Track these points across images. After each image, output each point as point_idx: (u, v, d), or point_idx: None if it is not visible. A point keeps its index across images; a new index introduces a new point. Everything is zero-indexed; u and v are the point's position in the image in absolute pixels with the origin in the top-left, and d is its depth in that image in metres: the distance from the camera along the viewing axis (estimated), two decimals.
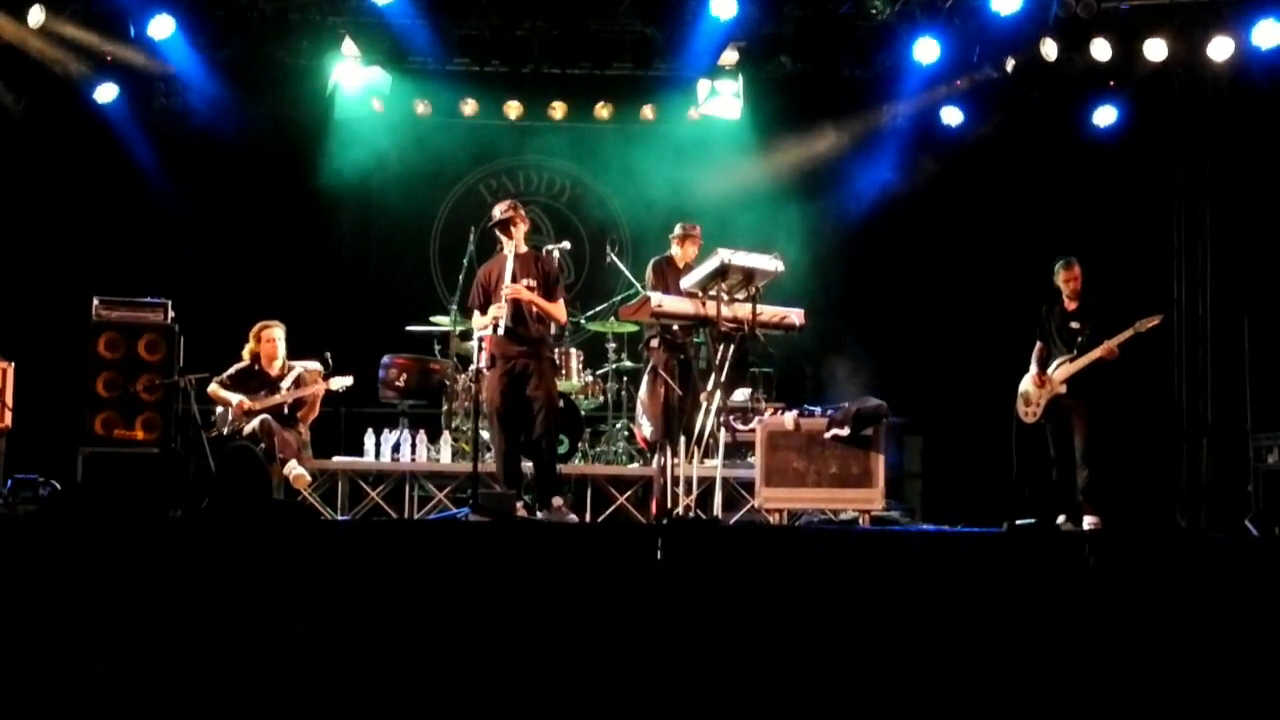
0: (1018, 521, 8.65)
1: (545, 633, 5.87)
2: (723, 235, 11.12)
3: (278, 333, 9.73)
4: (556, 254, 10.13)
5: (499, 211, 8.97)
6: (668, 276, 10.07)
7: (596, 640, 5.87)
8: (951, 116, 11.99)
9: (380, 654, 5.82)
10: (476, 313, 8.99)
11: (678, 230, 10.27)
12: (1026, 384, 9.52)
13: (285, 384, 9.68)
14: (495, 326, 8.66)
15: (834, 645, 5.94)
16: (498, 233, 8.97)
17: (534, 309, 8.82)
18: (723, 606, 5.97)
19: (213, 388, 9.60)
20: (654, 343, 9.95)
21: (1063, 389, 9.30)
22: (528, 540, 6.42)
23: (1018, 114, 11.81)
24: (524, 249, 8.99)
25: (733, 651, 5.89)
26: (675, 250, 10.32)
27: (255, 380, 9.65)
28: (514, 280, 8.77)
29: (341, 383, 9.74)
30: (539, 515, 8.71)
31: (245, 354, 9.73)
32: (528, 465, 9.11)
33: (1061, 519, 9.14)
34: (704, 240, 10.21)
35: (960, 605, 6.05)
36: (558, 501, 8.78)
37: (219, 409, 9.69)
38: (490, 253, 9.23)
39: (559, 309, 8.99)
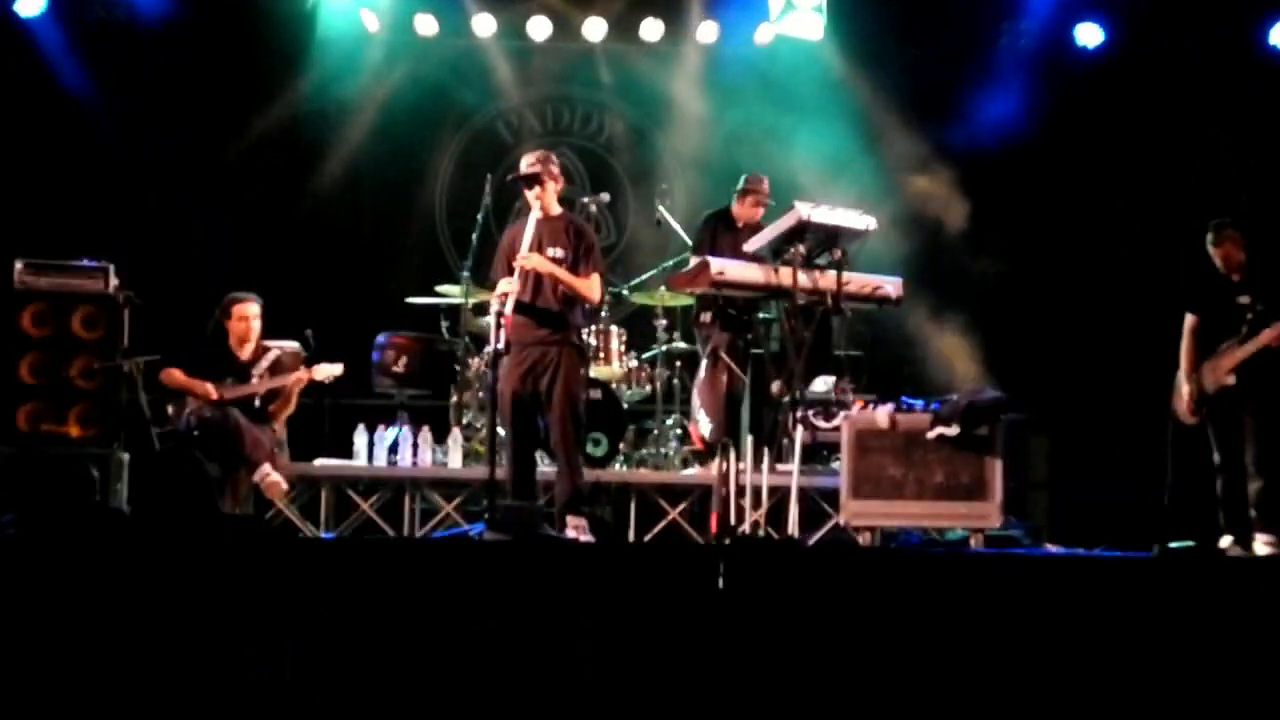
0: (1171, 544, 8.57)
1: (580, 681, 5.88)
2: (798, 186, 11.12)
3: (253, 308, 9.73)
4: (594, 209, 10.13)
5: (526, 163, 8.95)
6: (721, 236, 10.06)
7: (645, 690, 5.87)
8: (1089, 35, 11.89)
9: (372, 704, 5.84)
10: (501, 284, 9.00)
11: (740, 183, 10.28)
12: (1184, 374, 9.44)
13: (258, 370, 9.71)
14: (505, 304, 8.65)
15: (938, 696, 5.92)
16: (523, 189, 8.95)
17: (558, 284, 8.81)
18: (799, 647, 5.96)
19: (171, 373, 9.63)
20: (706, 317, 9.95)
21: (1230, 380, 9.19)
22: (557, 565, 6.42)
23: (1175, 31, 11.68)
24: (556, 211, 8.98)
25: (812, 703, 5.87)
26: (735, 206, 10.33)
27: (221, 365, 9.67)
28: (536, 249, 8.77)
29: (328, 371, 9.74)
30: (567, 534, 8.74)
31: (209, 331, 9.77)
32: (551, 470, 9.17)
33: (1227, 541, 9.06)
34: (773, 194, 10.20)
35: (1098, 648, 6.01)
36: (574, 522, 8.79)
37: (174, 400, 9.71)
38: (512, 208, 9.23)
39: (590, 285, 8.94)
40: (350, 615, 5.98)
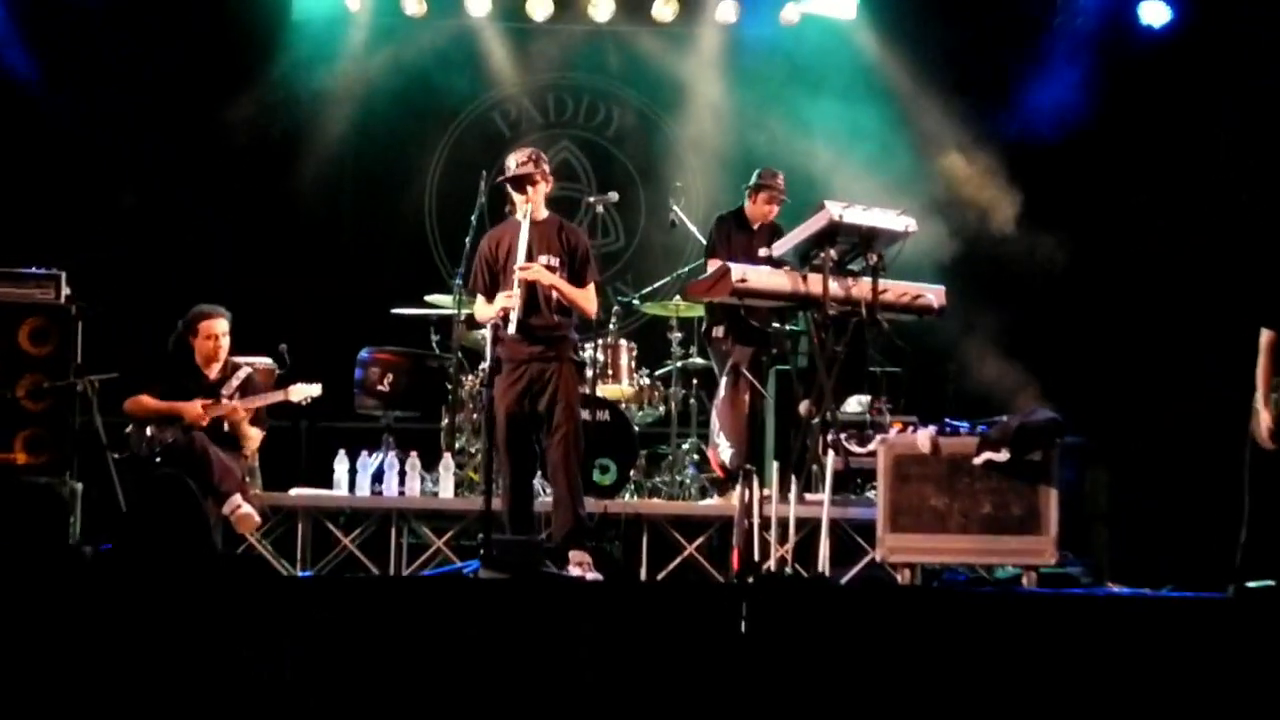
0: (1249, 583, 8.54)
1: None
2: (827, 183, 11.13)
3: (222, 325, 9.68)
4: (600, 209, 10.12)
5: (515, 162, 8.96)
6: (735, 239, 10.07)
7: None
8: (1154, 14, 11.89)
9: None
10: (481, 298, 9.03)
11: (753, 178, 10.29)
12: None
13: (228, 390, 9.67)
14: (504, 321, 8.67)
15: None
16: (511, 191, 8.96)
17: (554, 295, 8.83)
18: (830, 698, 5.94)
19: (140, 401, 9.54)
20: (718, 331, 9.98)
21: None
22: (560, 606, 6.41)
23: (1256, 10, 11.66)
24: (543, 214, 8.99)
25: None
26: (747, 204, 10.35)
27: (188, 385, 9.64)
28: (530, 257, 8.78)
29: (305, 392, 9.73)
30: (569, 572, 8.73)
31: (171, 347, 9.74)
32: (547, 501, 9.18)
33: None
34: (800, 191, 10.22)
35: (1167, 699, 5.99)
36: (579, 557, 8.78)
37: (134, 425, 9.67)
38: (504, 210, 9.21)
39: (588, 297, 8.99)
40: (330, 662, 5.98)
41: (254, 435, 9.77)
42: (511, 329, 8.68)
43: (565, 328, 8.98)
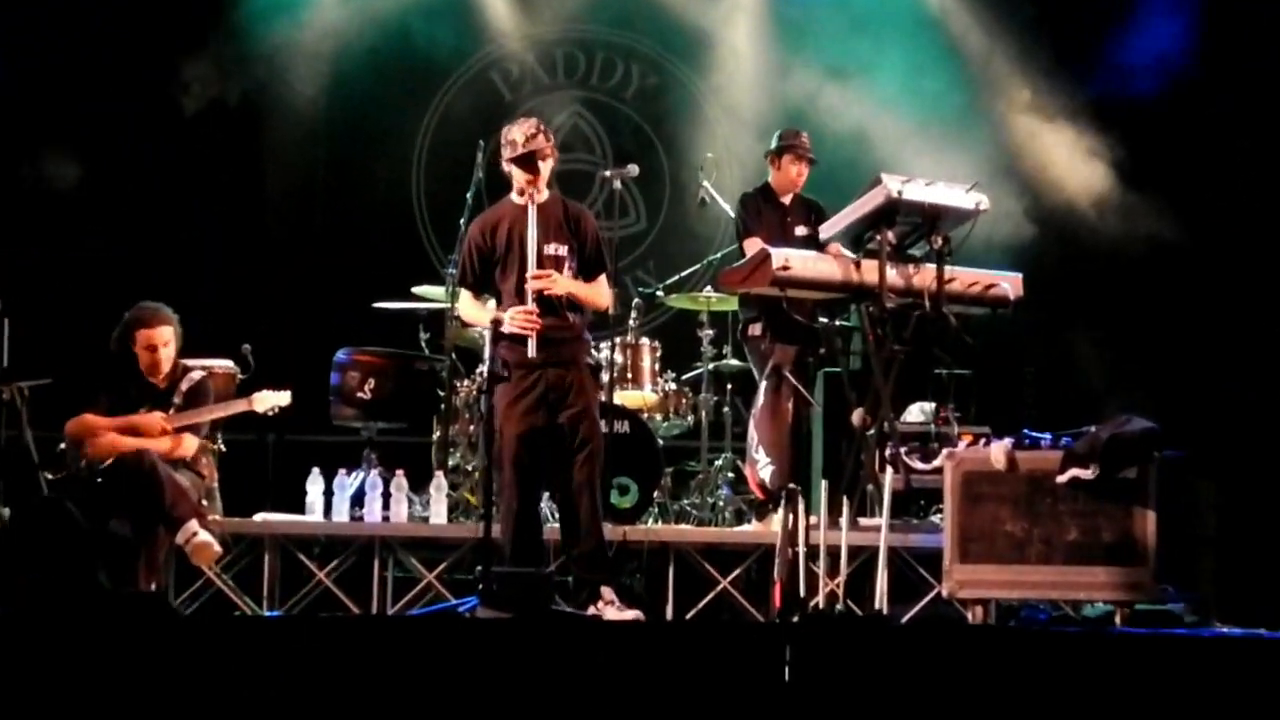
0: None
1: None
2: (882, 154, 11.15)
3: (164, 333, 9.56)
4: (617, 185, 10.13)
5: (523, 135, 8.78)
6: (766, 218, 10.06)
7: None
8: None
9: None
10: (467, 294, 9.01)
11: (773, 142, 10.28)
12: None
13: (179, 397, 9.67)
14: (523, 337, 8.64)
15: None
16: (517, 170, 8.85)
17: (564, 295, 8.81)
18: None
19: (85, 421, 9.51)
20: (756, 329, 9.95)
21: None
22: (573, 650, 6.44)
23: None
24: (545, 194, 8.90)
25: None
26: (772, 174, 10.34)
27: (134, 394, 9.65)
28: (539, 251, 8.69)
29: (272, 400, 9.72)
30: (590, 611, 8.73)
31: (112, 349, 9.75)
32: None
33: None
34: (849, 163, 10.22)
35: None
36: (608, 594, 8.79)
37: (69, 441, 9.69)
38: (501, 186, 9.12)
39: (602, 291, 8.97)
40: (300, 717, 6.01)
41: (190, 444, 9.68)
42: (531, 352, 8.60)
43: (580, 327, 8.93)
